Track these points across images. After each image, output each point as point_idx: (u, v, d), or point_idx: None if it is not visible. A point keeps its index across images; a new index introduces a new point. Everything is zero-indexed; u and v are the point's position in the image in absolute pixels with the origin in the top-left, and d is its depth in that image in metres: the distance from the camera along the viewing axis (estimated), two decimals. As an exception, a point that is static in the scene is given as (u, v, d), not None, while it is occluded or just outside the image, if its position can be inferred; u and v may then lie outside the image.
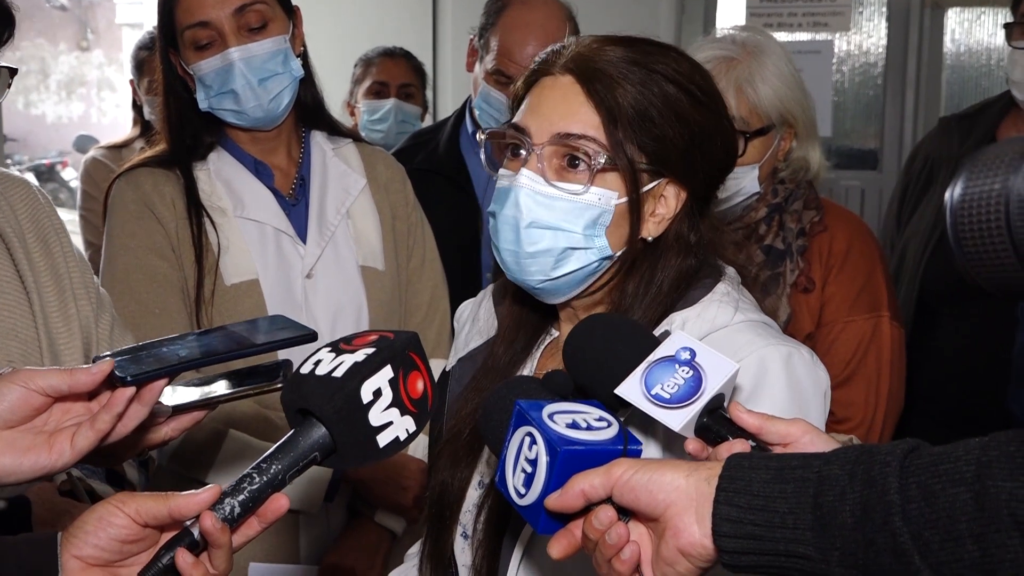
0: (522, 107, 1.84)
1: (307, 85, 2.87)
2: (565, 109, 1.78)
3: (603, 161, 1.75)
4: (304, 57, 2.85)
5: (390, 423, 1.46)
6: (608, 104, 1.75)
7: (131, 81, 4.94)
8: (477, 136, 1.91)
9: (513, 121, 1.83)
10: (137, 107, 4.93)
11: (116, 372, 1.51)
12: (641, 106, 1.75)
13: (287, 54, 2.75)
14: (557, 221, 1.77)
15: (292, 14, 2.82)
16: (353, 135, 3.07)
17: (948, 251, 2.93)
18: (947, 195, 1.27)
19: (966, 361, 3.41)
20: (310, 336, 1.65)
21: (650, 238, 1.81)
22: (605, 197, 1.77)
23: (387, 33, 5.52)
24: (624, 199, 1.77)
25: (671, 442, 1.68)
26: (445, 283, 3.05)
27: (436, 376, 2.16)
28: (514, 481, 1.44)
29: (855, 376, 2.83)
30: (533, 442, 1.42)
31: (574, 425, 1.43)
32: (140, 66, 4.84)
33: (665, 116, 1.76)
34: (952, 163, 3.58)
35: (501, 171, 1.85)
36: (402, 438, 1.48)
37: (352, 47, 5.17)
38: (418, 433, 1.50)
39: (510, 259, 1.82)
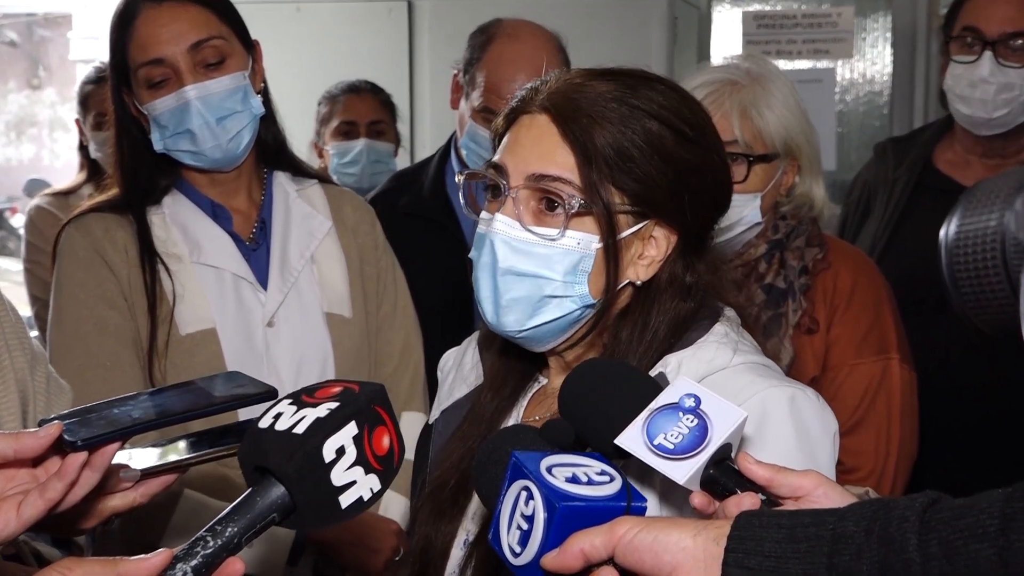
0: (500, 146, 1.86)
1: (268, 123, 2.90)
2: (541, 150, 1.80)
3: (577, 205, 1.76)
4: (265, 93, 2.87)
5: (353, 483, 1.46)
6: (583, 144, 1.77)
7: (77, 120, 4.92)
8: (456, 178, 1.93)
9: (492, 159, 1.85)
10: (84, 148, 4.90)
11: (65, 436, 1.51)
12: (620, 145, 1.77)
13: (247, 91, 2.77)
14: (535, 268, 1.79)
15: (251, 48, 2.85)
16: (319, 176, 3.09)
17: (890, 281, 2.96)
18: (941, 233, 1.29)
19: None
20: (270, 393, 1.65)
21: (639, 282, 1.83)
22: (585, 241, 1.79)
23: (361, 66, 5.54)
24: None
25: (668, 492, 1.69)
26: (419, 331, 3.06)
27: (416, 430, 2.19)
28: (509, 539, 1.44)
29: (864, 423, 2.84)
30: (530, 497, 1.41)
31: (574, 479, 1.42)
32: (85, 100, 4.82)
33: (647, 155, 1.78)
34: (888, 187, 3.69)
35: (482, 215, 1.87)
36: (366, 498, 1.48)
37: (323, 82, 5.17)
38: (383, 492, 1.51)
39: (488, 308, 1.84)
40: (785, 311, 2.86)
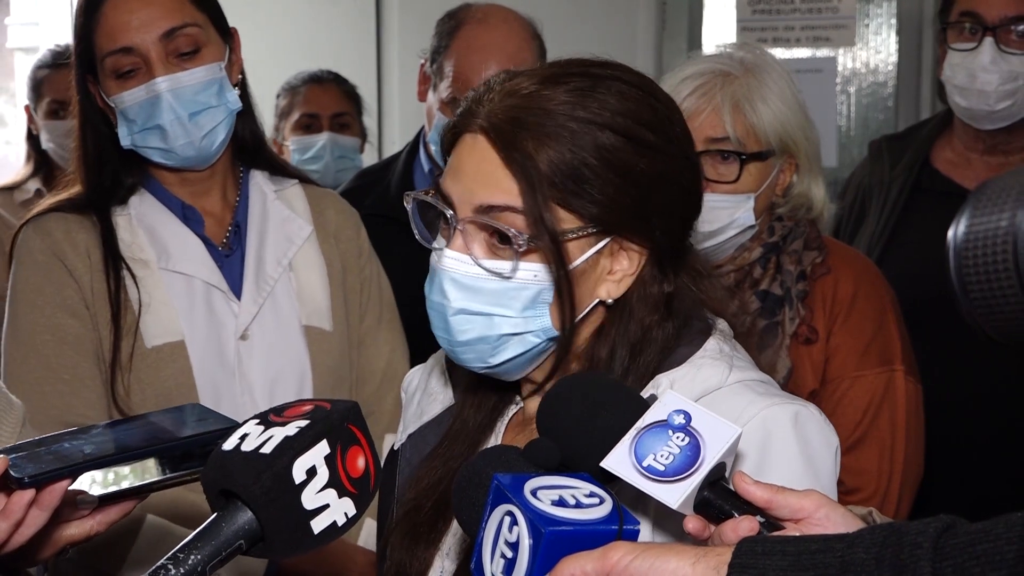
0: (447, 166, 1.84)
1: (246, 119, 2.90)
2: (484, 176, 1.76)
3: (525, 242, 1.73)
4: (243, 86, 2.87)
5: (326, 506, 1.47)
6: (527, 170, 1.73)
7: (27, 107, 4.88)
8: (404, 201, 1.88)
9: (440, 182, 1.82)
10: (33, 138, 4.88)
11: (11, 472, 1.52)
12: (570, 166, 1.73)
13: (222, 84, 2.77)
14: (489, 306, 1.77)
15: (229, 37, 2.85)
16: (299, 175, 3.09)
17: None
18: (949, 234, 1.28)
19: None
20: (234, 430, 1.64)
21: (610, 300, 1.81)
22: (542, 273, 1.76)
23: (324, 55, 5.52)
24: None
25: (662, 517, 1.68)
26: (405, 346, 3.06)
27: (386, 453, 2.18)
28: (492, 568, 1.43)
29: (866, 440, 2.84)
30: (514, 522, 1.41)
31: (561, 502, 1.42)
32: (38, 86, 4.80)
33: (602, 174, 1.74)
34: (884, 188, 3.68)
35: (435, 243, 1.84)
36: (340, 523, 1.48)
37: (282, 73, 5.16)
38: (359, 517, 1.51)
39: (446, 347, 1.84)
40: (782, 320, 2.86)
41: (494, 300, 1.77)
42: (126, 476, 1.71)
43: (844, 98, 5.34)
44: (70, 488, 1.60)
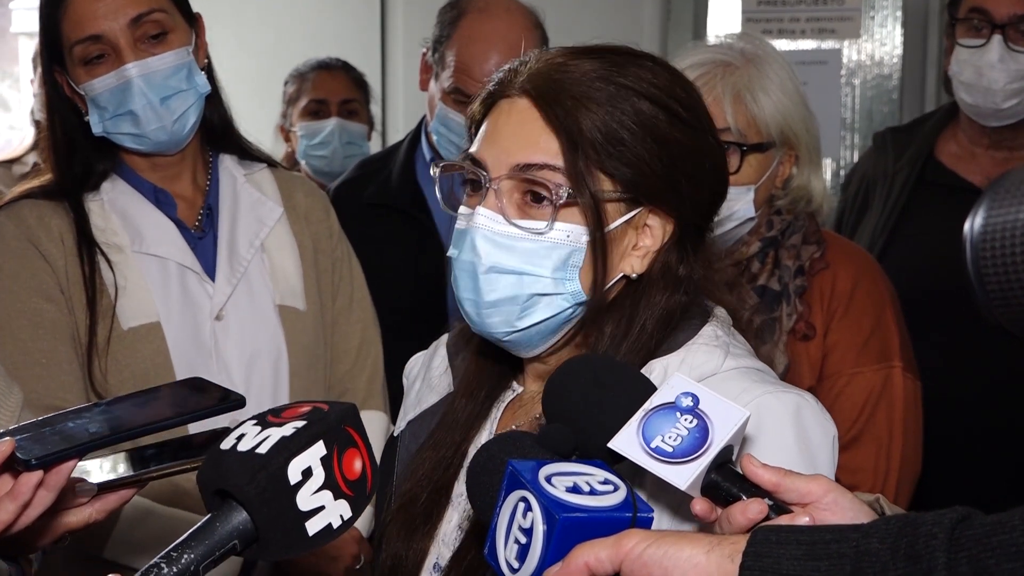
0: (479, 135, 1.84)
1: (213, 102, 2.90)
2: (523, 137, 1.78)
3: (565, 195, 1.74)
4: (209, 70, 2.88)
5: (322, 508, 1.46)
6: (568, 128, 1.75)
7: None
8: (431, 170, 1.89)
9: (470, 151, 1.83)
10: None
11: (18, 454, 1.52)
12: (609, 128, 1.75)
13: (191, 68, 2.78)
14: (520, 265, 1.77)
15: (194, 22, 2.85)
16: (268, 159, 3.10)
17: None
18: (966, 227, 1.29)
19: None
20: (238, 402, 1.66)
21: (634, 275, 1.82)
22: (575, 234, 1.77)
23: (329, 43, 5.54)
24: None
25: (658, 497, 1.67)
26: (377, 325, 3.09)
27: (375, 428, 2.15)
28: (506, 553, 1.43)
29: (863, 437, 2.82)
30: (528, 508, 1.41)
31: (575, 489, 1.42)
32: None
33: (638, 137, 1.76)
34: (888, 180, 3.70)
35: (461, 210, 1.85)
36: (335, 525, 1.47)
37: (289, 61, 5.19)
38: (354, 520, 1.50)
39: (471, 309, 1.82)
40: (779, 315, 2.85)
41: (526, 259, 1.77)
42: (125, 465, 1.72)
43: (849, 90, 5.36)
44: (70, 476, 1.60)
